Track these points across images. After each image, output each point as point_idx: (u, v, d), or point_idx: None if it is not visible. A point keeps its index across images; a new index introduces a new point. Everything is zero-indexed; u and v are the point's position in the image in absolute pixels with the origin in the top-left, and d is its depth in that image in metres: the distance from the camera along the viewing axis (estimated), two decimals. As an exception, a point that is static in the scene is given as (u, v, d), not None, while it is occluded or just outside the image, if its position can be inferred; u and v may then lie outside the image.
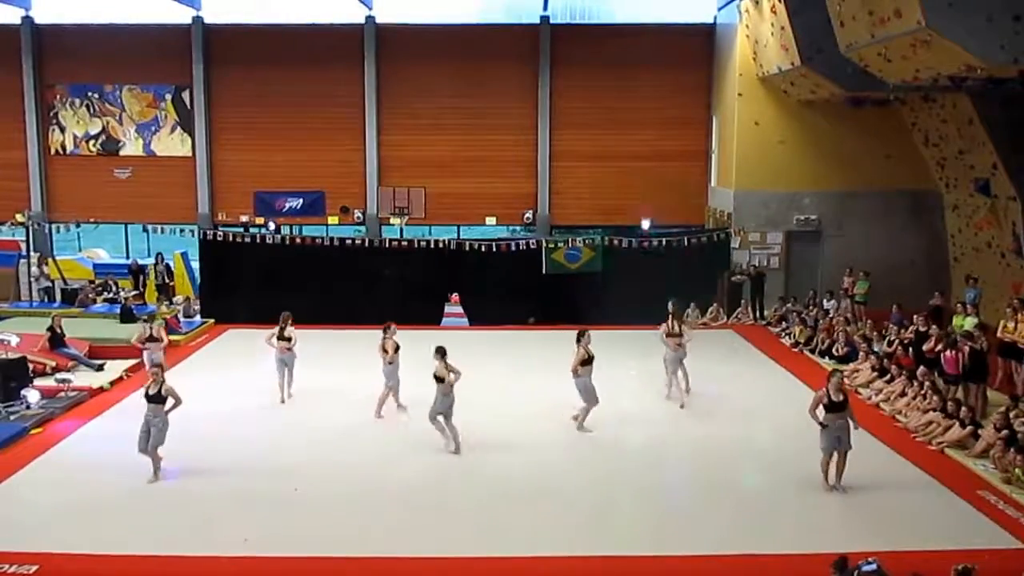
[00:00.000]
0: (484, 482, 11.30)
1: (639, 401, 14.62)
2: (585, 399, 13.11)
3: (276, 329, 14.74)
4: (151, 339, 15.29)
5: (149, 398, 11.03)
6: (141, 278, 23.51)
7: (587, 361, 13.00)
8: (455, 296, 22.31)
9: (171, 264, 23.94)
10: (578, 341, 13.18)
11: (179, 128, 26.12)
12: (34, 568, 8.84)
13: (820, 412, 10.94)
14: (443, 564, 9.16)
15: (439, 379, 12.17)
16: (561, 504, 10.59)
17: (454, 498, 10.76)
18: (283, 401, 14.69)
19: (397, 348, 14.13)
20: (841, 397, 10.81)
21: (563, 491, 10.99)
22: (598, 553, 9.34)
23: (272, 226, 24.22)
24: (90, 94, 26.09)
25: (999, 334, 14.96)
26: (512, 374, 15.42)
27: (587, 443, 12.73)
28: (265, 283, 20.80)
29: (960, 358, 13.85)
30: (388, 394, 14.00)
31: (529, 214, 26.21)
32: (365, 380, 15.92)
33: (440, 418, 12.27)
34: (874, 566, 7.58)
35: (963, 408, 12.64)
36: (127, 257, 27.05)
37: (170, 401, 11.13)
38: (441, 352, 12.31)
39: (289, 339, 14.71)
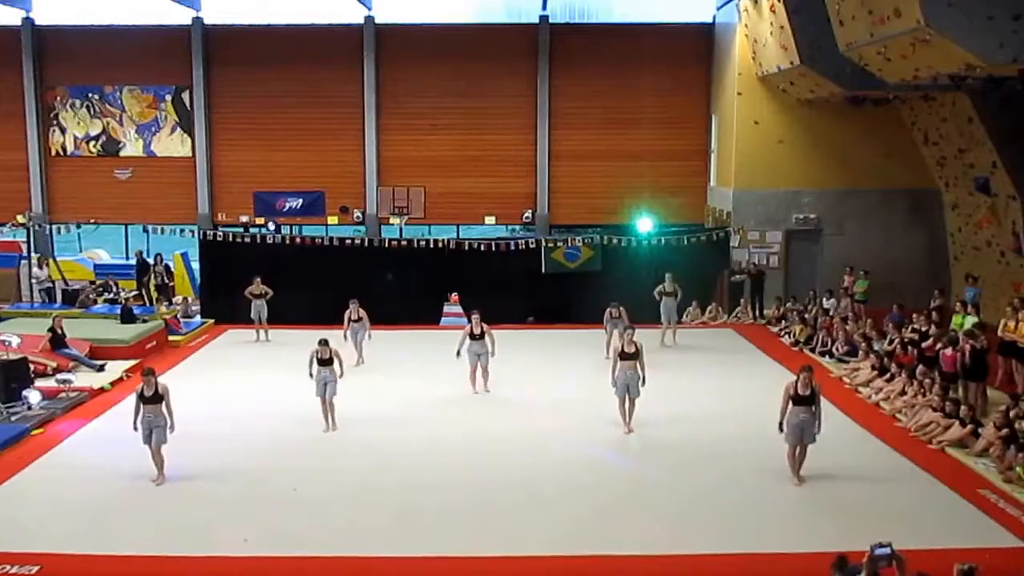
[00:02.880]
0: (483, 481, 11.29)
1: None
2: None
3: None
4: (257, 296, 18.88)
5: (147, 399, 10.99)
6: (150, 270, 23.40)
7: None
8: (454, 296, 22.30)
9: (171, 265, 23.96)
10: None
11: (179, 129, 26.14)
12: (35, 568, 8.84)
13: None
14: (443, 564, 9.16)
15: (328, 362, 13.25)
16: (560, 503, 10.59)
17: (454, 498, 10.75)
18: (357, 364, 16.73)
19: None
20: (808, 392, 10.85)
21: (562, 489, 10.99)
22: (598, 552, 9.34)
23: (272, 226, 24.25)
24: (90, 95, 26.10)
25: (1000, 333, 14.95)
26: (511, 373, 15.42)
27: (586, 442, 12.73)
28: (265, 283, 20.77)
29: (960, 357, 13.86)
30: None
31: (528, 213, 26.22)
32: (364, 380, 15.99)
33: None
34: (887, 550, 7.64)
35: (963, 407, 12.64)
36: (127, 258, 27.06)
37: (166, 403, 11.08)
38: (326, 341, 13.55)
39: (360, 319, 17.22)
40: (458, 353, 14.94)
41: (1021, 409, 12.31)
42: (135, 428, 11.01)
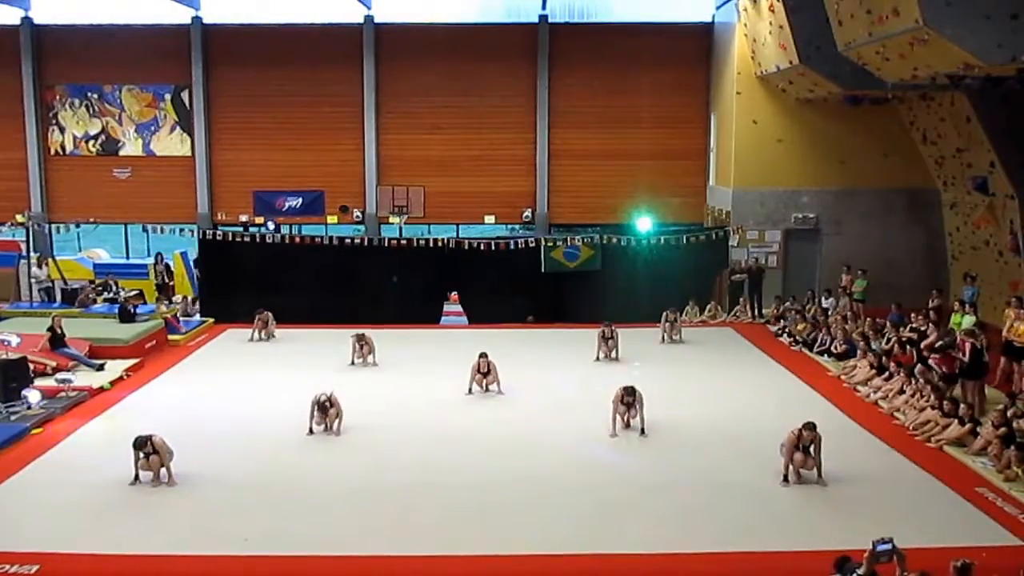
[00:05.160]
0: (483, 480, 11.30)
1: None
2: None
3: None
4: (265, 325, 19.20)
5: (148, 455, 11.01)
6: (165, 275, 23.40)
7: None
8: (454, 295, 22.34)
9: (171, 264, 23.96)
10: None
11: (178, 128, 26.14)
12: (35, 568, 8.84)
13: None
14: (443, 563, 9.18)
15: (325, 403, 12.90)
16: (560, 502, 10.61)
17: (454, 497, 10.76)
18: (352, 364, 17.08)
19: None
20: (809, 444, 11.02)
21: (562, 489, 11.00)
22: (598, 551, 9.36)
23: (272, 226, 24.26)
24: (89, 94, 26.10)
25: (1005, 333, 14.85)
26: (511, 373, 15.43)
27: (586, 441, 12.75)
28: (264, 283, 20.82)
29: (957, 357, 13.89)
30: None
31: (528, 213, 26.24)
32: (364, 379, 16.03)
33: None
34: (889, 545, 7.69)
35: (962, 405, 12.67)
36: (128, 257, 27.08)
37: (167, 455, 11.07)
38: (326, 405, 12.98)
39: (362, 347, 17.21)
40: (469, 390, 15.00)
41: (1019, 408, 12.35)
42: (136, 479, 10.98)
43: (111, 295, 21.99)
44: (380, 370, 16.80)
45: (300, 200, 26.09)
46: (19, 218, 24.28)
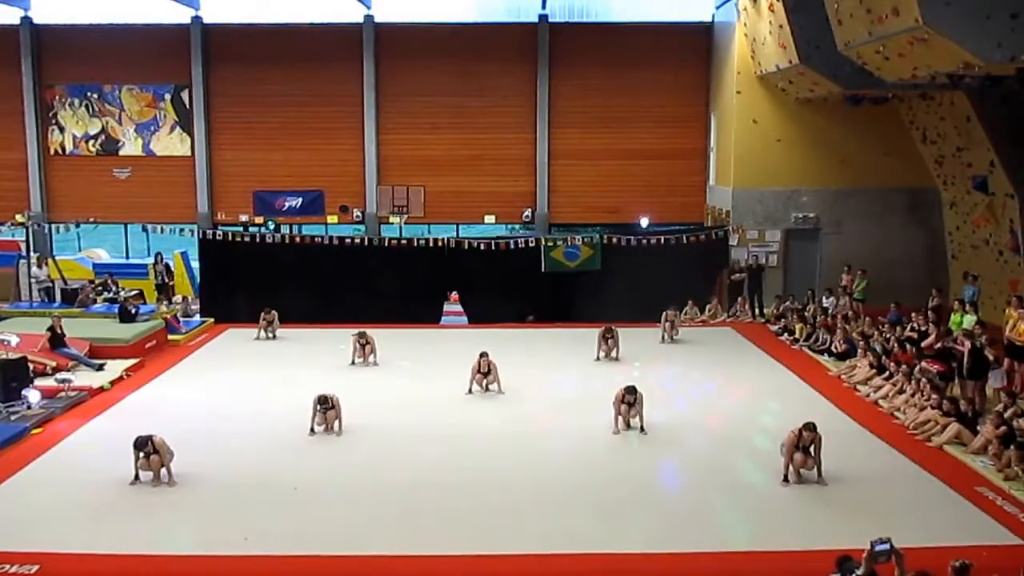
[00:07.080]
0: (483, 480, 11.30)
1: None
2: None
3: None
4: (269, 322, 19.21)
5: (148, 455, 11.03)
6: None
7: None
8: (454, 295, 22.33)
9: (171, 264, 23.96)
10: None
11: (178, 128, 26.15)
12: (35, 568, 8.84)
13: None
14: (443, 563, 9.18)
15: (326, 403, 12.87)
16: (560, 502, 10.61)
17: (454, 496, 10.76)
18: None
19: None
20: (809, 444, 11.02)
21: (562, 489, 11.00)
22: (598, 551, 9.36)
23: (272, 225, 24.26)
24: (89, 94, 26.12)
25: (1008, 333, 14.80)
26: (511, 372, 15.43)
27: (586, 440, 12.75)
28: (264, 282, 20.83)
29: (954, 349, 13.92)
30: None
31: (528, 212, 26.25)
32: (364, 379, 16.02)
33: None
34: (887, 545, 7.70)
35: (962, 401, 12.67)
36: (128, 257, 27.06)
37: (167, 456, 11.07)
38: (327, 399, 12.98)
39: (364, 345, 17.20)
40: (469, 390, 14.99)
41: (1019, 408, 12.35)
42: (136, 479, 10.99)
43: (111, 295, 21.98)
44: (380, 370, 16.80)
45: (300, 200, 26.11)
46: (19, 218, 24.29)
